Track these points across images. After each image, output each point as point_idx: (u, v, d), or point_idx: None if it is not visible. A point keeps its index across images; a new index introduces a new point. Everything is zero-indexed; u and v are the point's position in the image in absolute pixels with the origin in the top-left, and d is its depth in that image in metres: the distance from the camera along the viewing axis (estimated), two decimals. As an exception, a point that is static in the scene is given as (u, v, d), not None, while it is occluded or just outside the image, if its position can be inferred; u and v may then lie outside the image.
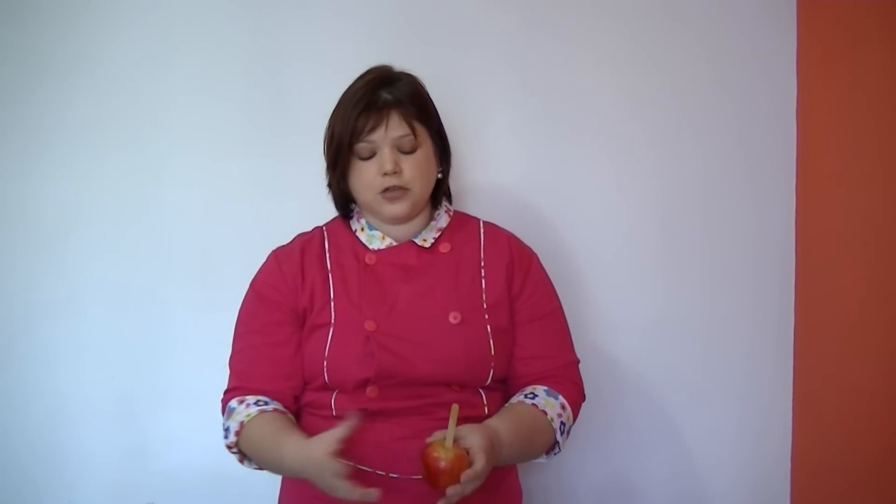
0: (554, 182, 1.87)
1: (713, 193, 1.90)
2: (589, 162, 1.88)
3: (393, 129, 1.45)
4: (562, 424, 1.46)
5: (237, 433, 1.43)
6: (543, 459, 1.50)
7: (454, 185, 1.61)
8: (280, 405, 1.45)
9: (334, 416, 1.42)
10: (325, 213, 1.59)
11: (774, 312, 1.92)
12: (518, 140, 1.86)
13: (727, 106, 1.90)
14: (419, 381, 1.42)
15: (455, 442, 1.27)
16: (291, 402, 1.48)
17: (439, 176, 1.53)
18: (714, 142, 1.90)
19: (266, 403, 1.44)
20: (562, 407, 1.46)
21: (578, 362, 1.54)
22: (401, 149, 1.46)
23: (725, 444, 1.91)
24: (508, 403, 1.47)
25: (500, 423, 1.37)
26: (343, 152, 1.46)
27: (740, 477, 1.92)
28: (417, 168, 1.47)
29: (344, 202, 1.54)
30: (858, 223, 1.76)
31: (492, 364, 1.45)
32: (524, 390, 1.48)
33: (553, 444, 1.47)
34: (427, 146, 1.49)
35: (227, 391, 1.48)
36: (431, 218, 1.55)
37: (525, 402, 1.45)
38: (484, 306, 1.48)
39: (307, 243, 1.53)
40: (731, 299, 1.90)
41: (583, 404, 1.53)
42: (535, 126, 1.86)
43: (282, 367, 1.46)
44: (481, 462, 1.26)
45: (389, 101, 1.45)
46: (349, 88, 1.49)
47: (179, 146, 1.81)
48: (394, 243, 1.51)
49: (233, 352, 1.50)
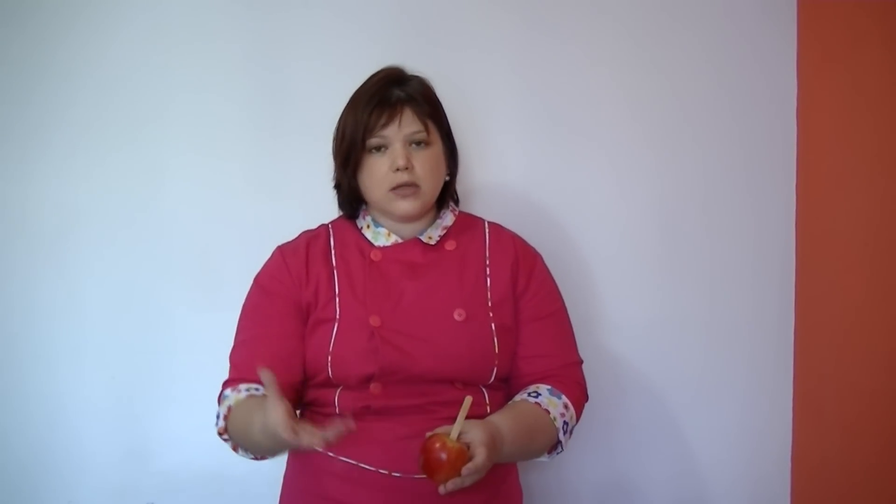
0: (554, 182, 1.87)
1: (714, 193, 1.90)
2: (590, 162, 1.88)
3: (406, 126, 1.45)
4: (564, 424, 1.45)
5: (225, 417, 1.41)
6: (545, 458, 1.50)
7: (457, 186, 1.60)
8: None
9: (337, 414, 1.41)
10: (326, 213, 1.58)
11: (775, 312, 1.92)
12: (519, 140, 1.86)
13: (727, 106, 1.90)
14: (423, 378, 1.41)
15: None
16: (291, 394, 1.42)
17: (447, 178, 1.53)
18: (714, 142, 1.90)
19: (258, 390, 1.40)
20: (564, 406, 1.46)
21: (582, 362, 1.54)
22: (413, 144, 1.46)
23: (726, 444, 1.91)
24: (511, 401, 1.47)
25: (502, 420, 1.37)
26: (355, 149, 1.46)
27: (741, 476, 1.92)
28: (428, 165, 1.47)
29: (353, 202, 1.53)
30: (858, 223, 1.76)
31: (495, 362, 1.45)
32: (527, 389, 1.48)
33: (556, 444, 1.47)
34: (438, 146, 1.50)
35: (225, 382, 1.46)
36: (437, 217, 1.55)
37: (528, 400, 1.45)
38: (488, 304, 1.48)
39: (313, 239, 1.53)
40: (732, 299, 1.91)
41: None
42: (536, 126, 1.87)
43: (281, 359, 1.42)
44: (482, 456, 1.26)
45: (403, 98, 1.46)
46: (361, 87, 1.49)
47: (179, 146, 1.81)
48: (399, 240, 1.51)
49: (234, 345, 1.49)
